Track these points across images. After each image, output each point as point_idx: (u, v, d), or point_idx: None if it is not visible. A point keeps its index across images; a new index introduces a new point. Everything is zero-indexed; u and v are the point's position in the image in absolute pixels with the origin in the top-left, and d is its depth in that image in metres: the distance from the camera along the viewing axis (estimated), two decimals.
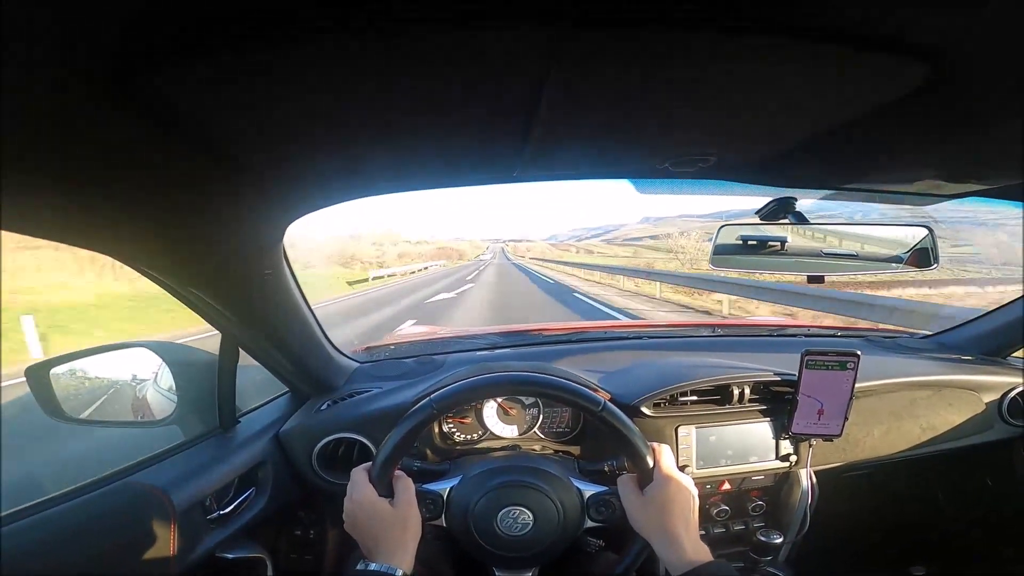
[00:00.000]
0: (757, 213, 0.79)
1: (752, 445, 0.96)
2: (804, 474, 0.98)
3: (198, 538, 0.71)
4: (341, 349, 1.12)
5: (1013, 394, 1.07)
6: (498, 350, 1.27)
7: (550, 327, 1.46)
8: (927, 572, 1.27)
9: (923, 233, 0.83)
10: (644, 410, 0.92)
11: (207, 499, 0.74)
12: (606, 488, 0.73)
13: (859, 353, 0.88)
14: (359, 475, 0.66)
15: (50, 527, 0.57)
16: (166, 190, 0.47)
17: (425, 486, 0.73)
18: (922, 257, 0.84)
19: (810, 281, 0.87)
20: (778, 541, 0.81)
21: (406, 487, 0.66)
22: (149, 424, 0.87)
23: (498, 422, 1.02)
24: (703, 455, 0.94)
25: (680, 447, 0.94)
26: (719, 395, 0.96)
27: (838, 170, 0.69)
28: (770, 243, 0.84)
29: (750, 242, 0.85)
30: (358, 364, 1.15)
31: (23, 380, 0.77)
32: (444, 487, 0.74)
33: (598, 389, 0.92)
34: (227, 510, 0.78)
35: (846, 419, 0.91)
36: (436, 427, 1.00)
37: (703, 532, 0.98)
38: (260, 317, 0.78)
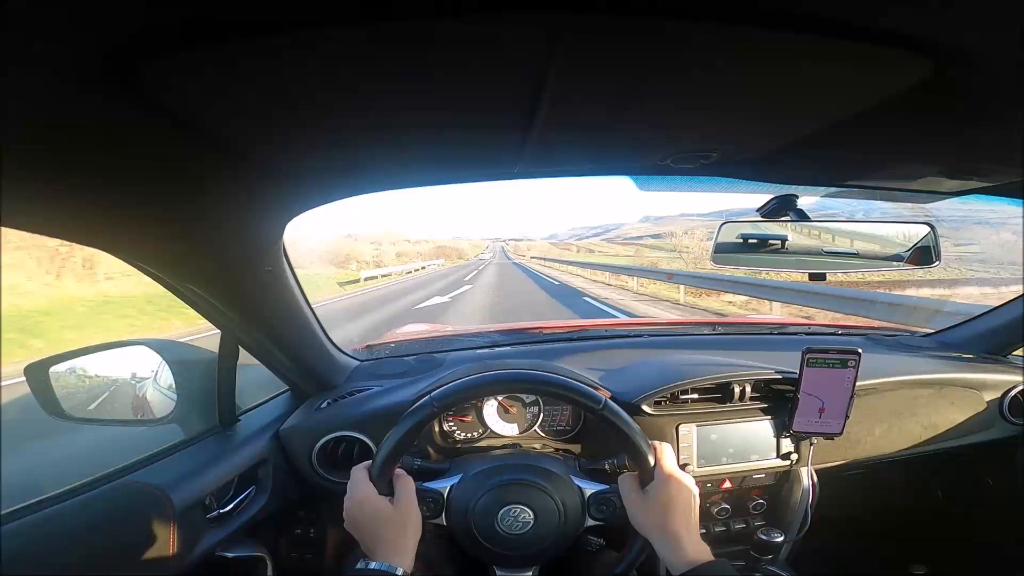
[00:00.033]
0: (758, 210, 0.79)
1: (753, 443, 0.96)
2: (805, 473, 0.98)
3: (198, 537, 0.71)
4: (341, 347, 1.12)
5: (1014, 393, 1.07)
6: (498, 348, 1.27)
7: (550, 325, 1.46)
8: (928, 571, 1.27)
9: (925, 230, 0.83)
10: (645, 408, 0.92)
11: (207, 498, 0.74)
12: (607, 486, 0.73)
13: (860, 351, 0.88)
14: (359, 473, 0.65)
15: (49, 526, 0.57)
16: (165, 186, 0.47)
17: (425, 485, 0.73)
18: (924, 255, 0.84)
19: (811, 279, 0.86)
20: (779, 540, 0.81)
21: (406, 486, 0.66)
22: (149, 422, 0.86)
23: (499, 420, 1.01)
24: (704, 453, 0.94)
25: (681, 445, 0.93)
26: (720, 393, 0.96)
27: (840, 166, 0.69)
28: (771, 241, 0.84)
29: (751, 240, 0.85)
30: (358, 362, 1.15)
31: (23, 380, 0.77)
32: (444, 486, 0.74)
33: (599, 387, 0.91)
34: (227, 509, 0.77)
35: (847, 417, 0.90)
36: (436, 425, 0.99)
37: (704, 531, 0.98)
38: (260, 314, 0.77)
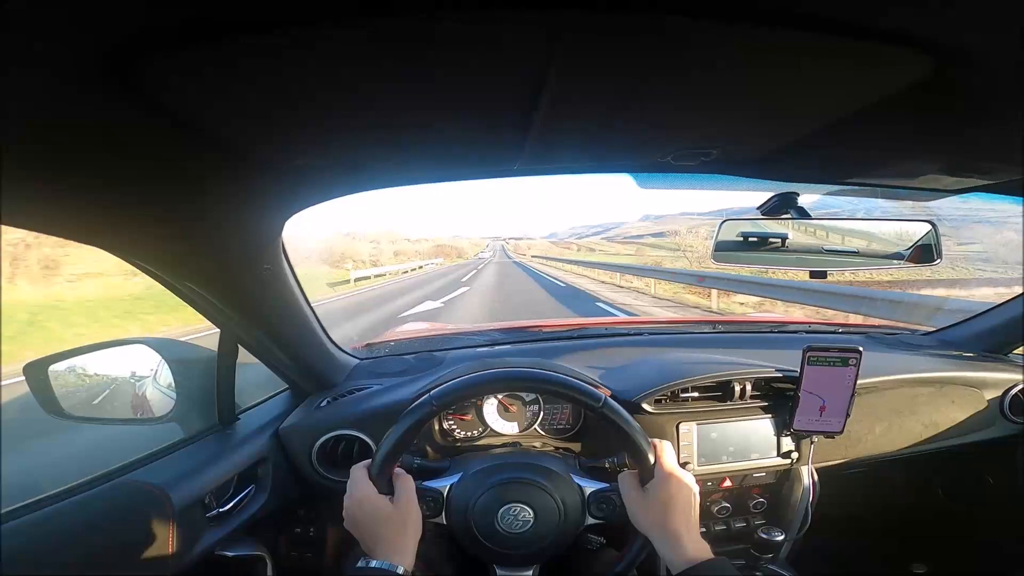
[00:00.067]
0: (759, 208, 0.78)
1: (753, 442, 0.96)
2: (805, 471, 0.98)
3: (197, 536, 0.71)
4: (340, 345, 1.12)
5: (1015, 391, 1.07)
6: (498, 346, 1.27)
7: (550, 324, 1.45)
8: (928, 569, 1.27)
9: (926, 228, 0.83)
10: (645, 406, 0.92)
11: (206, 496, 0.73)
12: (607, 485, 0.73)
13: (861, 349, 0.88)
14: (359, 472, 0.65)
15: (48, 525, 0.57)
16: (165, 186, 0.47)
17: (425, 483, 0.73)
18: (925, 252, 0.83)
19: (812, 276, 0.86)
20: (779, 539, 0.81)
21: (406, 484, 0.66)
22: (148, 421, 0.86)
23: (498, 419, 1.01)
24: (704, 452, 0.94)
25: (681, 443, 0.93)
26: (720, 391, 0.95)
27: (840, 164, 0.69)
28: (772, 239, 0.84)
29: (752, 238, 0.85)
30: (358, 360, 1.15)
31: (22, 379, 0.77)
32: (444, 484, 0.73)
33: (599, 385, 0.91)
34: (226, 508, 0.77)
35: (848, 416, 0.90)
36: (436, 424, 0.99)
37: (704, 529, 0.98)
38: (259, 313, 0.77)
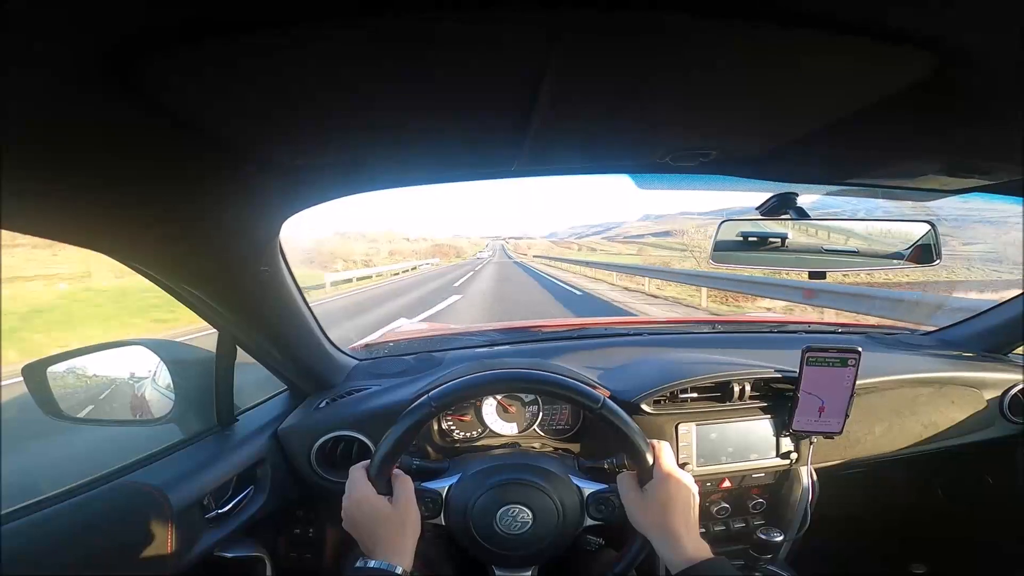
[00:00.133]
0: (758, 209, 0.78)
1: (752, 442, 0.96)
2: (805, 472, 0.98)
3: (196, 537, 0.71)
4: (339, 346, 1.12)
5: (1014, 391, 1.07)
6: (497, 347, 1.27)
7: (550, 324, 1.45)
8: (928, 570, 1.27)
9: (925, 228, 0.83)
10: (644, 407, 0.92)
11: (205, 498, 0.73)
12: (606, 486, 0.73)
13: (860, 350, 0.88)
14: (357, 473, 0.65)
15: (47, 526, 0.57)
16: (165, 186, 0.47)
17: (424, 484, 0.73)
18: (924, 253, 0.83)
19: (811, 277, 0.86)
20: (778, 539, 0.81)
21: (405, 485, 0.66)
22: (147, 422, 0.86)
23: (497, 419, 1.01)
24: (703, 452, 0.94)
25: (680, 444, 0.93)
26: (720, 392, 0.95)
27: (840, 164, 0.69)
28: (771, 239, 0.84)
29: (751, 238, 0.85)
30: (357, 361, 1.15)
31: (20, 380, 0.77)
32: (443, 485, 0.73)
33: (597, 386, 0.91)
34: (225, 509, 0.77)
35: (847, 416, 0.90)
36: (435, 424, 0.99)
37: (703, 530, 0.98)
38: (257, 314, 0.77)
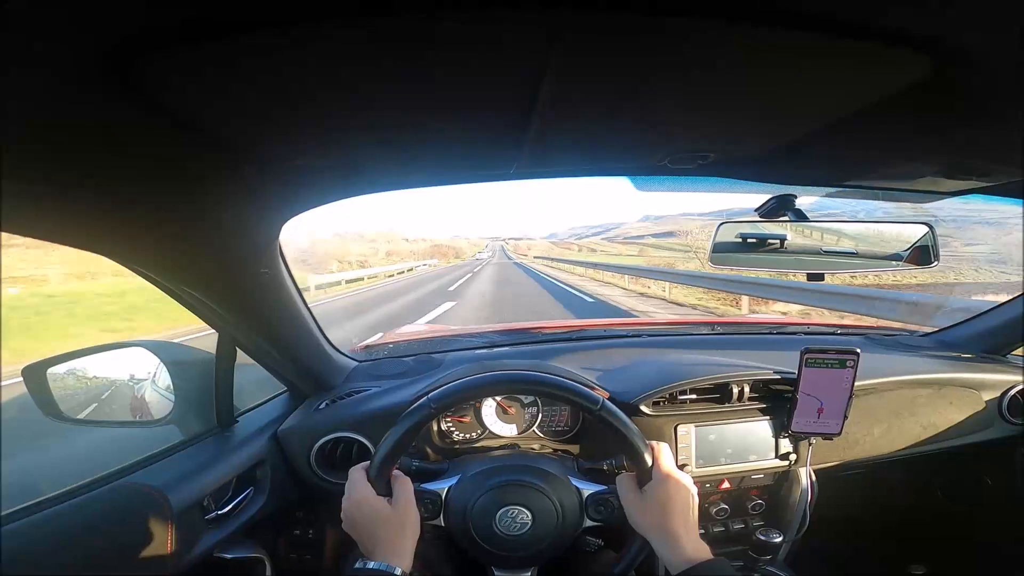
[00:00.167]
0: (757, 210, 0.79)
1: (752, 444, 0.96)
2: (804, 473, 0.98)
3: (196, 538, 0.71)
4: (339, 347, 1.12)
5: (1013, 392, 1.07)
6: (497, 348, 1.27)
7: (549, 325, 1.45)
8: (927, 571, 1.27)
9: (923, 230, 0.83)
10: (643, 408, 0.92)
11: (205, 499, 0.74)
12: (605, 487, 0.73)
13: (859, 351, 0.88)
14: (357, 474, 0.65)
15: (47, 527, 0.57)
16: (165, 186, 0.47)
17: (423, 485, 0.73)
18: (923, 254, 0.84)
19: (809, 279, 0.86)
20: (777, 540, 0.81)
21: (404, 486, 0.66)
22: (147, 424, 0.86)
23: (497, 421, 1.01)
24: (702, 454, 0.94)
25: (679, 446, 0.93)
26: (718, 393, 0.95)
27: (839, 166, 0.69)
28: (770, 241, 0.84)
29: (750, 240, 0.85)
30: (356, 363, 1.15)
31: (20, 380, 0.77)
32: (442, 487, 0.74)
33: (597, 387, 0.91)
34: (225, 510, 0.77)
35: (846, 417, 0.90)
36: (435, 426, 0.99)
37: (702, 531, 0.98)
38: (257, 315, 0.77)
